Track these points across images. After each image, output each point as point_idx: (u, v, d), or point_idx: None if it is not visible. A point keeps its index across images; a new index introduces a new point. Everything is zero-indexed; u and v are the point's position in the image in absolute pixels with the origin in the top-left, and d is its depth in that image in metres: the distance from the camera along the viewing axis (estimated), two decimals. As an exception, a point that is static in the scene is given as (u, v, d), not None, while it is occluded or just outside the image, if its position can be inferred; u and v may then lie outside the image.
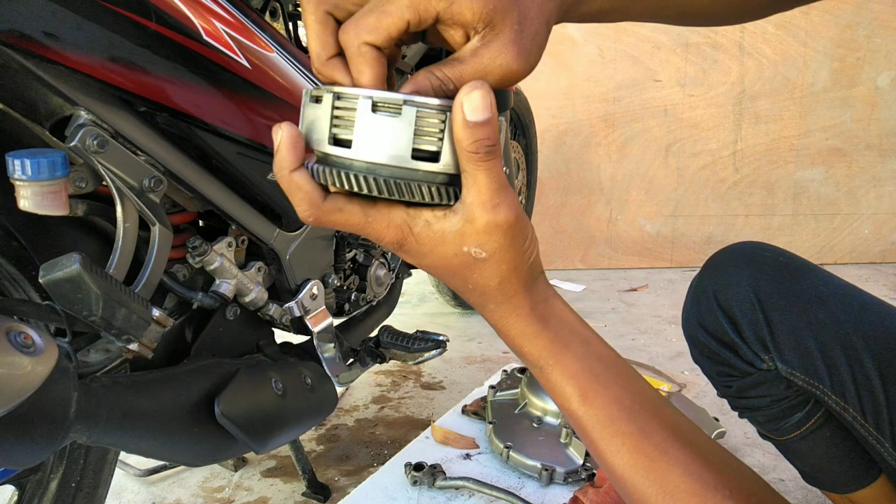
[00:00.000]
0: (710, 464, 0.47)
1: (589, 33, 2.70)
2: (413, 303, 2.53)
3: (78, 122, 0.75)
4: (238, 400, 0.88)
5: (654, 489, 0.46)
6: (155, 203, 0.82)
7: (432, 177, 0.42)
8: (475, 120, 0.38)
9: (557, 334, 0.48)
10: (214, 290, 0.94)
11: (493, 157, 0.40)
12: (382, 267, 1.32)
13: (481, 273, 0.44)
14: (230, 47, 0.84)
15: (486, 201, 0.41)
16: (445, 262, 0.44)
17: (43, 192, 0.73)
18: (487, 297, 0.46)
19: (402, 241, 0.43)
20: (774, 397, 0.81)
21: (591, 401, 0.47)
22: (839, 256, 2.99)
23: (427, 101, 0.40)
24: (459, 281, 0.46)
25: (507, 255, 0.43)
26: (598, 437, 0.47)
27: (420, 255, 0.44)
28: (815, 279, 0.79)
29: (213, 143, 0.86)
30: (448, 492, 1.19)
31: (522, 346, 0.48)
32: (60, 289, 0.71)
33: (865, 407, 0.72)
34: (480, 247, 0.42)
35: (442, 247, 0.43)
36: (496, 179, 0.41)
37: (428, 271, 0.47)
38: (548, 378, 0.48)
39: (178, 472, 1.41)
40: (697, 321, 0.85)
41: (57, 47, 0.69)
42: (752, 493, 0.47)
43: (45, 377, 0.65)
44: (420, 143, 0.41)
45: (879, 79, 2.81)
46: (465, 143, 0.39)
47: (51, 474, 0.90)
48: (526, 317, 0.47)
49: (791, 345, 0.77)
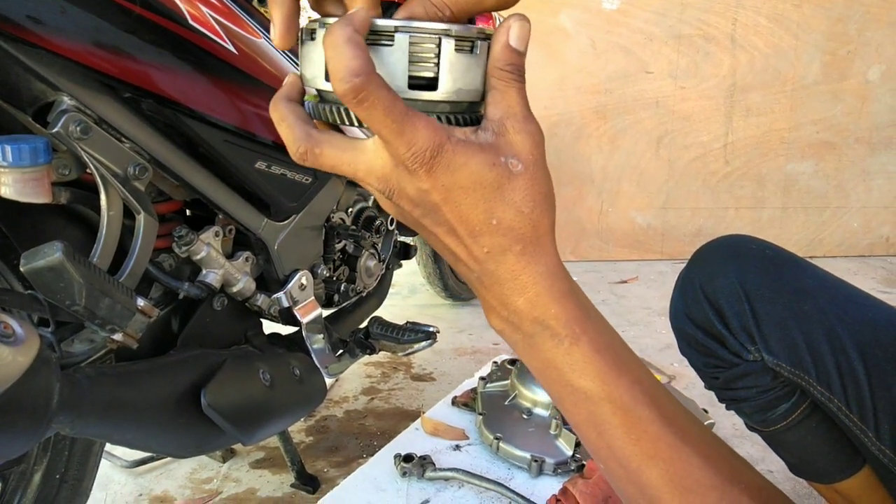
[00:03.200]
0: (725, 457, 0.45)
1: (581, 24, 2.69)
2: (403, 294, 2.52)
3: (61, 107, 0.74)
4: (225, 391, 0.87)
5: (672, 482, 0.42)
6: (140, 191, 0.81)
7: (432, 105, 0.41)
8: (516, 47, 0.40)
9: (581, 300, 0.43)
10: (201, 280, 0.93)
11: (522, 81, 0.41)
12: (372, 258, 1.31)
13: (514, 193, 0.40)
14: (217, 32, 0.83)
15: (517, 113, 0.41)
16: (479, 176, 0.39)
17: (25, 179, 0.71)
18: (515, 233, 0.40)
19: (440, 146, 0.38)
20: (760, 388, 0.82)
21: (615, 380, 0.42)
22: (828, 249, 3.01)
23: (422, 25, 0.39)
24: (484, 210, 0.40)
25: (539, 173, 0.41)
26: (616, 422, 0.42)
27: (452, 169, 0.38)
28: (801, 272, 0.79)
29: (200, 131, 0.84)
30: (437, 483, 1.19)
31: (548, 307, 0.42)
32: (42, 278, 0.70)
33: (850, 398, 0.72)
34: (516, 157, 0.40)
35: (480, 155, 0.39)
36: (525, 98, 0.41)
37: (446, 199, 0.40)
38: (567, 352, 0.42)
39: (166, 463, 1.40)
40: (684, 313, 0.85)
41: (40, 31, 0.68)
42: (762, 488, 0.45)
43: (25, 367, 0.64)
44: (416, 69, 0.39)
45: (870, 72, 2.81)
46: (500, 63, 0.40)
47: (35, 466, 0.89)
48: (554, 269, 0.42)
49: (777, 336, 0.77)
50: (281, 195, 1.00)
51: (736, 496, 0.43)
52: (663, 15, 2.71)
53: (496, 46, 0.40)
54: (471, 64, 0.40)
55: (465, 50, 0.40)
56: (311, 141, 0.40)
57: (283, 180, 0.99)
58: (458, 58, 0.39)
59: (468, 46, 0.40)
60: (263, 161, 0.94)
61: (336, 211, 1.19)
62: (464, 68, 0.40)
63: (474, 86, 0.41)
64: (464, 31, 0.39)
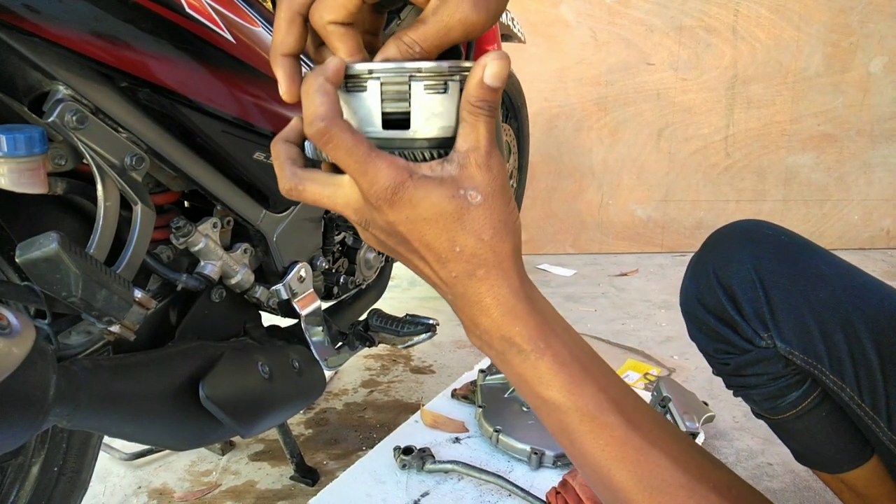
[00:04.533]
0: (693, 456, 0.47)
1: (582, 15, 2.67)
2: (403, 287, 2.52)
3: (56, 97, 0.73)
4: (223, 383, 0.87)
5: (641, 483, 0.45)
6: (137, 182, 0.80)
7: (410, 142, 0.43)
8: (490, 84, 0.41)
9: (546, 318, 0.46)
10: (199, 272, 0.92)
11: (492, 115, 0.42)
12: (372, 250, 1.30)
13: (473, 222, 0.43)
14: (214, 21, 0.82)
15: (481, 147, 0.43)
16: (440, 208, 0.42)
17: (20, 169, 0.71)
18: (477, 259, 0.43)
19: (401, 184, 0.41)
20: (771, 376, 0.81)
21: (580, 390, 0.45)
22: (829, 242, 3.00)
23: (394, 67, 0.42)
24: (447, 239, 0.43)
25: (498, 203, 0.43)
26: (585, 429, 0.45)
27: (413, 203, 0.42)
28: (817, 258, 0.78)
29: (197, 121, 0.84)
30: (437, 475, 1.19)
31: (511, 327, 0.45)
32: (38, 269, 0.69)
33: (863, 387, 0.72)
34: (475, 189, 0.43)
35: (439, 189, 0.42)
36: (492, 133, 0.43)
37: (410, 230, 0.43)
38: (533, 366, 0.45)
39: (165, 455, 1.39)
40: (696, 298, 0.85)
41: (35, 20, 0.67)
42: (732, 485, 0.47)
43: (21, 359, 0.63)
44: (389, 109, 0.43)
45: (872, 64, 2.80)
46: (473, 98, 0.42)
47: (32, 458, 0.89)
48: (517, 290, 0.45)
49: (790, 323, 0.76)
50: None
51: (704, 493, 0.45)
52: (664, 6, 2.69)
53: (471, 83, 0.42)
54: (442, 101, 0.43)
55: (435, 88, 0.42)
56: (295, 179, 0.45)
57: (282, 171, 0.98)
58: (428, 97, 0.42)
59: (439, 85, 0.42)
60: (262, 151, 0.93)
61: (335, 202, 1.18)
62: (435, 106, 0.43)
63: (447, 122, 0.43)
64: (435, 70, 0.42)
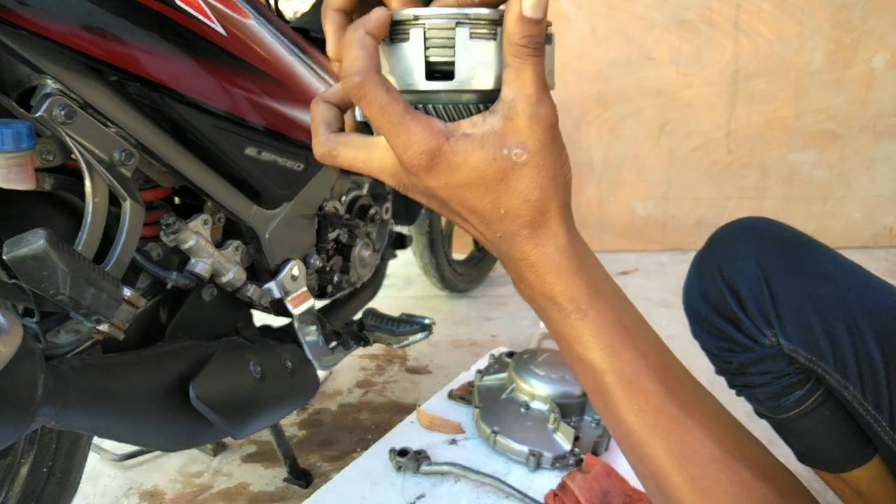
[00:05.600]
0: (729, 431, 0.46)
1: (582, 10, 2.66)
2: (399, 286, 2.50)
3: (44, 91, 0.72)
4: (214, 383, 0.86)
5: (672, 453, 0.45)
6: (126, 177, 0.79)
7: (456, 95, 0.41)
8: (531, 16, 0.38)
9: (591, 277, 0.45)
10: (189, 270, 0.91)
11: (540, 55, 0.39)
12: (367, 248, 1.28)
13: (518, 182, 0.41)
14: (205, 13, 0.80)
15: (530, 95, 0.39)
16: (480, 172, 0.40)
17: (7, 164, 0.70)
18: (522, 219, 0.42)
19: (437, 149, 0.39)
20: (775, 374, 0.80)
21: (620, 354, 0.44)
22: (831, 240, 2.96)
23: (439, 12, 0.39)
24: (490, 202, 0.41)
25: (548, 159, 0.41)
26: (620, 393, 0.45)
27: (451, 169, 0.40)
28: (821, 256, 0.79)
29: (188, 115, 0.82)
30: (433, 477, 1.17)
31: (554, 285, 0.44)
32: (25, 266, 0.68)
33: (866, 386, 0.72)
34: (521, 146, 0.40)
35: (480, 152, 0.40)
36: (541, 76, 0.40)
37: (451, 195, 0.42)
38: (573, 325, 0.44)
39: (156, 456, 1.38)
40: (700, 295, 0.84)
41: (23, 12, 0.66)
42: (767, 465, 0.47)
43: (8, 358, 0.63)
44: (433, 59, 0.40)
45: (874, 60, 2.78)
46: (515, 37, 0.38)
47: (21, 459, 0.88)
48: (564, 248, 0.44)
49: (795, 321, 0.76)
50: (272, 182, 0.97)
51: (737, 470, 0.44)
52: (665, 0, 2.67)
53: (509, 19, 0.38)
54: (491, 49, 0.39)
55: (483, 35, 0.39)
56: (329, 143, 0.43)
57: (274, 167, 0.97)
58: (475, 44, 0.39)
59: (487, 31, 0.39)
60: (254, 147, 0.92)
61: (329, 199, 1.17)
62: (482, 54, 0.40)
63: (496, 71, 0.40)
64: (482, 15, 0.39)
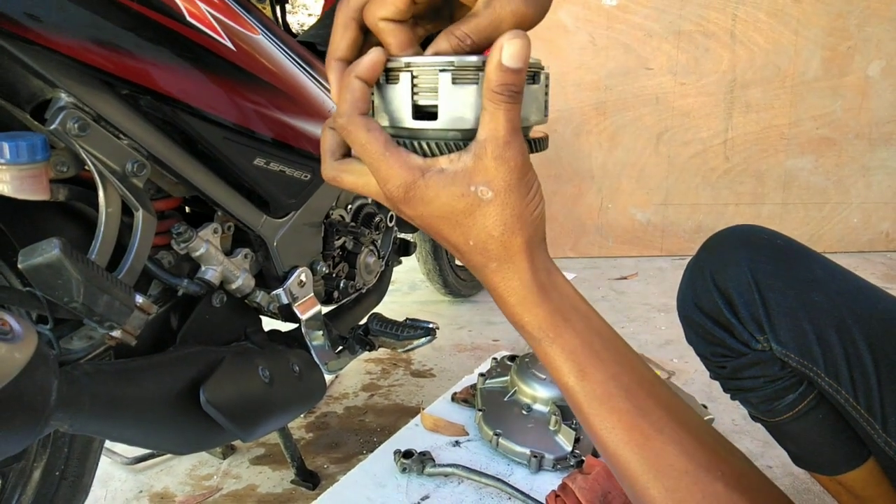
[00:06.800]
0: (704, 444, 0.48)
1: (581, 21, 2.68)
2: (403, 291, 2.52)
3: (58, 104, 0.73)
4: (224, 388, 0.87)
5: (647, 466, 0.46)
6: (138, 188, 0.81)
7: (439, 133, 0.44)
8: (509, 66, 0.40)
9: (558, 307, 0.47)
10: (200, 277, 0.93)
11: (514, 101, 0.41)
12: (372, 254, 1.31)
13: (485, 218, 0.43)
14: (214, 29, 0.83)
15: (499, 137, 0.42)
16: (450, 206, 0.43)
17: (22, 176, 0.71)
18: (489, 253, 0.45)
19: (412, 183, 0.43)
20: (768, 378, 0.81)
21: (589, 377, 0.47)
22: (828, 245, 3.00)
23: (426, 60, 0.42)
24: (461, 234, 0.45)
25: (512, 198, 0.43)
26: (593, 413, 0.47)
27: (425, 202, 0.43)
28: (812, 262, 0.79)
29: (198, 127, 0.84)
30: (437, 479, 1.19)
31: (522, 316, 0.47)
32: (40, 274, 0.70)
33: (858, 389, 0.72)
34: (487, 184, 0.42)
35: (450, 188, 0.42)
36: (513, 121, 0.42)
37: (429, 225, 0.45)
38: (545, 351, 0.47)
39: (166, 459, 1.40)
40: (693, 302, 0.85)
41: (38, 28, 0.68)
42: (743, 474, 0.48)
43: (23, 364, 0.63)
44: (419, 101, 0.43)
45: (870, 68, 2.81)
46: (493, 84, 0.41)
47: (34, 463, 0.89)
48: (528, 282, 0.46)
49: (786, 326, 0.77)
50: (280, 192, 1.00)
51: (709, 482, 0.46)
52: (663, 11, 2.70)
53: (489, 66, 0.41)
54: (473, 92, 0.43)
55: (466, 80, 0.42)
56: (334, 170, 0.48)
57: (282, 177, 0.99)
58: (458, 88, 0.42)
59: (471, 76, 0.42)
60: (262, 158, 0.94)
61: (335, 208, 1.19)
62: (464, 97, 0.43)
63: (475, 113, 0.43)
64: (466, 63, 0.42)
